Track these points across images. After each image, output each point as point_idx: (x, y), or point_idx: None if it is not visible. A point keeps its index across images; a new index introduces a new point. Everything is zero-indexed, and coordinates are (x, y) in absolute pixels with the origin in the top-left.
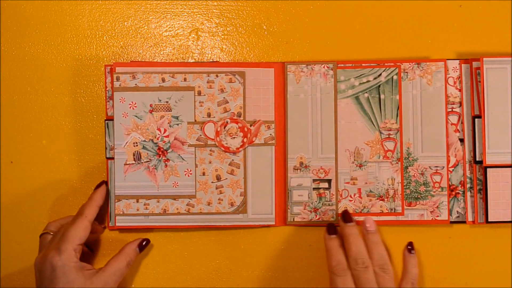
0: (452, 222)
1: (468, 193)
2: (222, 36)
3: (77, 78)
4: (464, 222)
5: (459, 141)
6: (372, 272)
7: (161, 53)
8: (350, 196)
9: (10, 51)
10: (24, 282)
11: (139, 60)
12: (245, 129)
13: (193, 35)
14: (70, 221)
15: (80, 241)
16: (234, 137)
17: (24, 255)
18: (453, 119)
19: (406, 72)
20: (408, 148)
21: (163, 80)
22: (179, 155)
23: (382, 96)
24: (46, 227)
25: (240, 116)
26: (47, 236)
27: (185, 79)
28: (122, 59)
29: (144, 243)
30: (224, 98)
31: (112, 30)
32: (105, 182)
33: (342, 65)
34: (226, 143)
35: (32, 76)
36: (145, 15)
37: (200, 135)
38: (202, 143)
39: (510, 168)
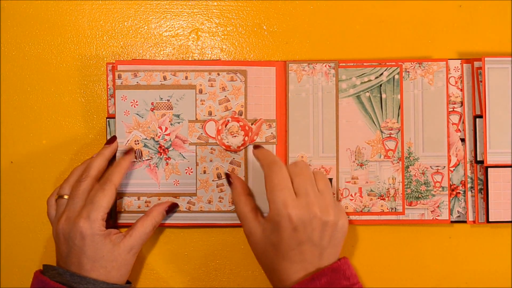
0: (452, 222)
1: (469, 193)
2: (222, 36)
3: (77, 78)
4: (464, 221)
5: (460, 141)
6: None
7: (161, 53)
8: (351, 195)
9: (10, 51)
10: (24, 282)
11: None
12: (246, 127)
13: (193, 35)
14: (99, 187)
15: (108, 209)
16: (235, 136)
17: (24, 255)
18: (454, 118)
19: (408, 72)
20: (409, 147)
21: (165, 78)
22: (180, 153)
23: (383, 96)
24: (59, 191)
25: (241, 115)
26: (63, 201)
27: (186, 77)
28: (122, 59)
29: (172, 207)
30: (225, 96)
31: (112, 30)
32: (131, 149)
33: (344, 64)
34: (227, 142)
35: (32, 76)
36: (145, 15)
37: (201, 133)
38: (203, 142)
39: (511, 168)
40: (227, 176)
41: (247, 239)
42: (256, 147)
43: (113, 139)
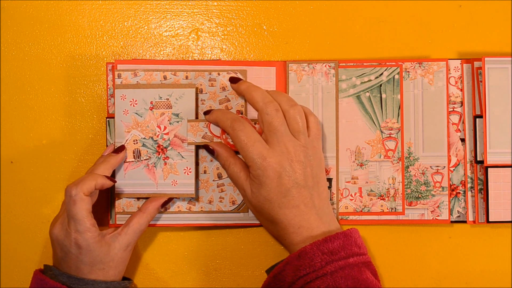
0: (452, 222)
1: (469, 193)
2: (222, 36)
3: (77, 78)
4: (464, 222)
5: (460, 141)
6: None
7: (161, 53)
8: (351, 195)
9: (10, 51)
10: (24, 282)
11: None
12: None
13: (193, 35)
14: (71, 201)
15: (89, 210)
16: None
17: (24, 255)
18: (454, 118)
19: (408, 72)
20: (409, 147)
21: (165, 78)
22: (178, 153)
23: (383, 96)
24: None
25: (241, 114)
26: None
27: (186, 77)
28: (122, 59)
29: (167, 202)
30: (225, 96)
31: (112, 30)
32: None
33: (344, 64)
34: (232, 141)
35: (32, 76)
36: (145, 15)
37: (206, 132)
38: (207, 141)
39: (511, 168)
40: (206, 147)
41: (243, 199)
42: (207, 112)
43: (121, 148)
